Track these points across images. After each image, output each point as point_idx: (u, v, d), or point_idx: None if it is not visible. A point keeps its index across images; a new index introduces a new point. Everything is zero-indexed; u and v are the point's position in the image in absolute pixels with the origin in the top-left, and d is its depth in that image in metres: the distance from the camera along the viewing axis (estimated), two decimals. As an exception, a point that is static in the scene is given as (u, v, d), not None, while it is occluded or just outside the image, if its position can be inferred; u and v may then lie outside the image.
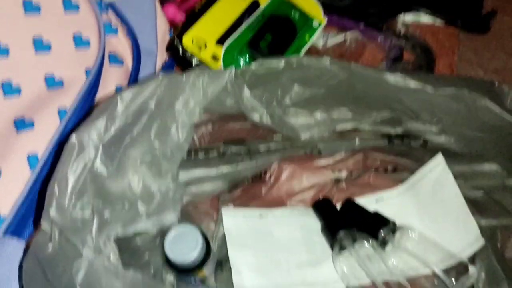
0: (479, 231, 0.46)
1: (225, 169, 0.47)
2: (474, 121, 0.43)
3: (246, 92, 0.43)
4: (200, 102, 0.40)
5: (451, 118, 0.45)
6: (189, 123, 0.40)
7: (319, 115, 0.48)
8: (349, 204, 0.50)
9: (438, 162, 0.48)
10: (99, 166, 0.36)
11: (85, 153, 0.35)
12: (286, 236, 0.49)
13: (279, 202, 0.52)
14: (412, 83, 0.42)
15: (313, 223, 0.50)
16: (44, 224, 0.34)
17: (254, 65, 0.44)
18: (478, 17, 0.67)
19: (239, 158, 0.47)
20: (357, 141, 0.48)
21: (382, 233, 0.46)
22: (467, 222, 0.46)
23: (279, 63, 0.44)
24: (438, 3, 0.66)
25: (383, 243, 0.47)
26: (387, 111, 0.46)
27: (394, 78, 0.42)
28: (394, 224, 0.47)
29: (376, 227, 0.47)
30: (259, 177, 0.52)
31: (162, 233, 0.45)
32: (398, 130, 0.47)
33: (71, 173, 0.34)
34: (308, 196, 0.52)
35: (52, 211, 0.33)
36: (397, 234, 0.47)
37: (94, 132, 0.36)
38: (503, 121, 0.42)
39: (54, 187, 0.34)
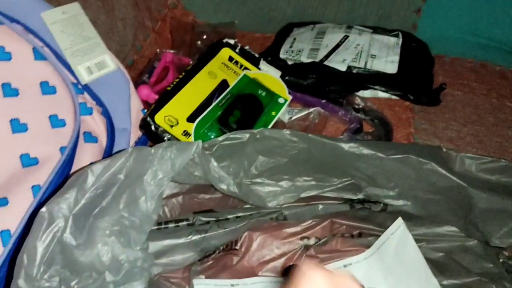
0: (441, 290, 0.47)
1: (194, 238, 0.48)
2: (424, 184, 0.47)
3: (213, 163, 0.46)
4: (168, 173, 0.42)
5: (404, 182, 0.48)
6: (158, 194, 0.42)
7: (284, 183, 0.50)
8: None
9: (398, 225, 0.50)
10: (68, 236, 0.38)
11: (54, 225, 0.37)
12: (257, 305, 0.49)
13: (250, 272, 0.52)
14: (365, 150, 0.46)
15: (284, 291, 0.51)
16: None
17: (221, 138, 0.47)
18: (429, 92, 0.73)
19: (208, 226, 0.49)
20: (320, 206, 0.50)
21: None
22: (429, 282, 0.48)
23: (244, 135, 0.47)
24: (391, 81, 0.71)
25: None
26: (347, 178, 0.49)
27: (348, 146, 0.46)
28: None
29: None
30: (230, 247, 0.53)
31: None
32: (360, 196, 0.50)
33: (40, 244, 0.35)
34: (279, 264, 0.53)
35: (20, 281, 0.34)
36: (366, 299, 0.48)
37: (64, 204, 0.37)
38: (451, 183, 0.45)
39: (23, 258, 0.35)
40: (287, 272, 0.52)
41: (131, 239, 0.41)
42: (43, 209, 0.37)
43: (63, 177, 0.51)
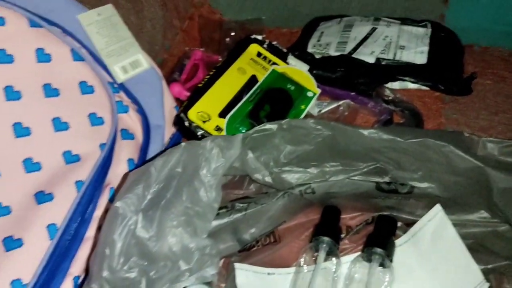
0: (482, 276, 0.47)
1: (235, 216, 0.50)
2: (446, 166, 0.48)
3: (250, 155, 0.48)
4: (220, 163, 0.45)
5: (427, 165, 0.49)
6: (215, 184, 0.45)
7: (312, 169, 0.52)
8: None
9: (436, 212, 0.50)
10: (140, 230, 0.41)
11: (128, 219, 0.40)
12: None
13: (286, 262, 0.54)
14: (384, 135, 0.48)
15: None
16: (95, 286, 0.38)
17: (251, 131, 0.49)
18: (460, 81, 0.73)
19: (246, 205, 0.51)
20: (346, 180, 0.50)
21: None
22: (470, 267, 0.48)
23: (272, 126, 0.50)
24: (421, 72, 0.71)
25: None
26: (372, 162, 0.50)
27: (368, 132, 0.48)
28: None
29: None
30: (269, 241, 0.55)
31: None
32: (386, 179, 0.51)
33: (117, 237, 0.39)
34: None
35: (104, 272, 0.37)
36: None
37: (134, 199, 0.41)
38: (470, 164, 0.47)
39: (105, 251, 0.38)
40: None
41: (197, 228, 0.44)
42: (117, 204, 0.41)
43: (104, 173, 0.53)
